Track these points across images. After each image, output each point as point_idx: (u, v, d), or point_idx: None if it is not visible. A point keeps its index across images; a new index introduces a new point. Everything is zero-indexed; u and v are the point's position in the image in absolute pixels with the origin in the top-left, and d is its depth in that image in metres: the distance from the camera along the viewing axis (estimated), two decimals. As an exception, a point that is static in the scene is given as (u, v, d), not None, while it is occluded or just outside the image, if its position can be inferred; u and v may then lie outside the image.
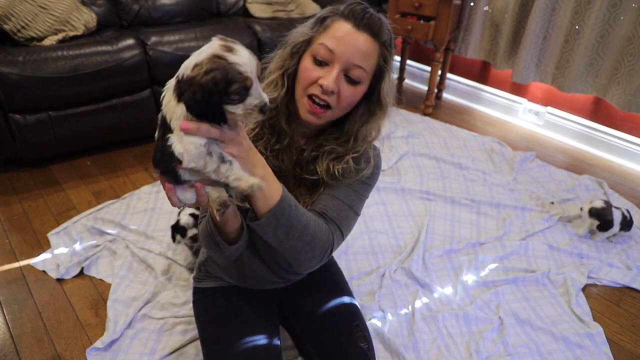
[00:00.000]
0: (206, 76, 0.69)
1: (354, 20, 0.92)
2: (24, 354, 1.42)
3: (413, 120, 3.01)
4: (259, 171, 0.83)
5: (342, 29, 0.92)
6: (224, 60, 0.70)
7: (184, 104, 0.71)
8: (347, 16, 0.92)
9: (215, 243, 0.98)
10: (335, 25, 0.92)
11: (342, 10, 0.93)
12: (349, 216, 1.03)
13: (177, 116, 0.72)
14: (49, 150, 2.31)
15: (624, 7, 2.35)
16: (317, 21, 0.96)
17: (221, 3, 2.96)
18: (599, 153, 2.77)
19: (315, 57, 0.93)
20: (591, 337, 1.54)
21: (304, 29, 0.97)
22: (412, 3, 2.84)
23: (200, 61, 0.71)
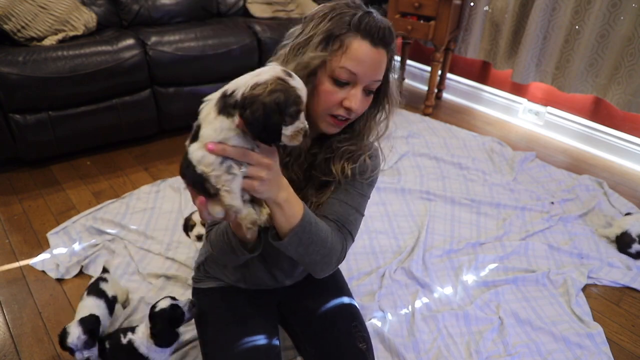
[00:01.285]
0: (270, 96, 0.73)
1: (371, 37, 0.89)
2: (24, 354, 1.42)
3: (413, 120, 3.01)
4: (282, 194, 0.85)
5: (361, 50, 0.88)
6: (287, 84, 0.75)
7: (243, 120, 0.73)
8: (363, 34, 0.88)
9: (233, 251, 0.98)
10: (354, 46, 0.88)
11: (357, 26, 0.88)
12: (357, 219, 1.07)
13: (213, 128, 0.75)
14: (49, 150, 2.31)
15: (624, 7, 2.35)
16: (329, 39, 0.88)
17: (221, 3, 2.96)
18: (599, 153, 2.77)
19: (337, 80, 0.91)
20: (591, 337, 1.54)
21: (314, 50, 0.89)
22: (412, 3, 2.84)
23: (263, 81, 0.74)
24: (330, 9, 0.90)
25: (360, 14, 0.89)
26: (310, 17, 0.93)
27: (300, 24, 0.95)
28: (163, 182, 2.25)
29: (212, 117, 0.76)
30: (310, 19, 0.92)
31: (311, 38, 0.90)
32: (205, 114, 0.77)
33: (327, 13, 0.90)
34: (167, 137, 2.66)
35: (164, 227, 1.95)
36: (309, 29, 0.91)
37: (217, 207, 0.80)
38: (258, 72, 0.77)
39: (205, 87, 2.57)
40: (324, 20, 0.89)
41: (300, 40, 0.91)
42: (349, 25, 0.88)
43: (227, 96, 0.76)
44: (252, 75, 0.77)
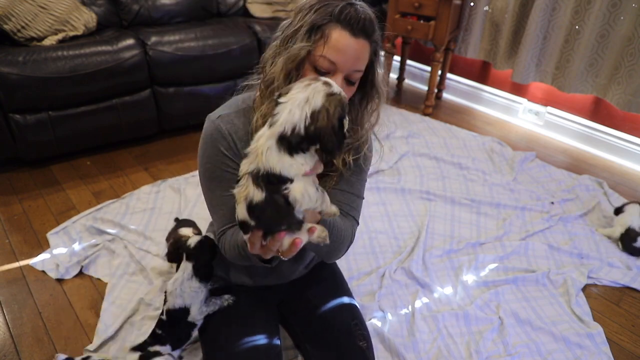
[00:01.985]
0: (333, 117, 0.77)
1: (351, 27, 0.91)
2: (24, 354, 1.42)
3: (413, 120, 3.01)
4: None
5: (341, 39, 0.90)
6: (336, 95, 0.80)
7: (324, 151, 0.79)
8: (343, 23, 0.90)
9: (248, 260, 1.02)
10: (334, 35, 0.90)
11: (337, 16, 0.90)
12: (360, 204, 1.15)
13: (298, 165, 0.78)
14: (49, 150, 2.31)
15: (624, 7, 2.35)
16: (312, 29, 0.91)
17: (221, 3, 2.96)
18: (599, 153, 2.77)
19: (317, 69, 0.93)
20: (591, 337, 1.54)
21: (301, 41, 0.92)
22: (412, 3, 2.84)
23: (319, 107, 0.77)
24: (317, 1, 0.92)
25: (342, 5, 0.91)
26: (299, 8, 0.95)
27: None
28: (163, 183, 2.25)
29: (288, 160, 0.77)
30: (299, 11, 0.94)
31: (298, 29, 0.92)
32: (276, 160, 0.77)
33: (313, 5, 0.92)
34: (167, 137, 2.66)
35: (163, 227, 1.95)
36: (297, 21, 0.93)
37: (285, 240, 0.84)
38: (304, 97, 0.78)
39: (205, 87, 2.57)
40: (310, 12, 0.92)
41: (289, 32, 0.94)
42: (330, 15, 0.90)
43: (289, 136, 0.77)
44: (300, 103, 0.78)
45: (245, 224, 0.82)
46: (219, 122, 1.02)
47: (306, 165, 0.78)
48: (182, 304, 1.24)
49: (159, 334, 1.27)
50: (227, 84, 2.62)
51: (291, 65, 0.92)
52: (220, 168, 1.03)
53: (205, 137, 1.04)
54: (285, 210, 0.79)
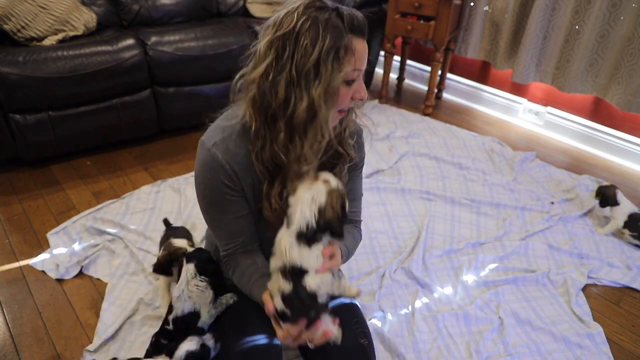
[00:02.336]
0: (336, 208, 0.92)
1: (361, 33, 0.92)
2: (24, 354, 1.42)
3: (413, 120, 3.01)
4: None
5: (361, 47, 0.92)
6: (335, 190, 0.93)
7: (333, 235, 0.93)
8: (356, 32, 0.91)
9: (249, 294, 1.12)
10: (356, 46, 0.91)
11: (351, 27, 0.90)
12: (361, 203, 1.24)
13: (315, 256, 0.91)
14: (49, 150, 2.31)
15: (624, 7, 2.35)
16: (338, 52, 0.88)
17: (221, 3, 2.96)
18: (599, 153, 2.77)
19: (347, 81, 0.93)
20: (591, 337, 1.54)
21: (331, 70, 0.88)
22: (412, 3, 2.84)
23: (324, 203, 0.91)
24: (313, 19, 0.87)
25: (344, 13, 0.90)
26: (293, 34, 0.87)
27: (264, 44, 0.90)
28: (163, 183, 2.25)
29: (307, 251, 0.91)
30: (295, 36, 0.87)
31: (320, 58, 0.87)
32: (297, 254, 0.91)
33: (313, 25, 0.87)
34: (167, 137, 2.66)
35: (163, 227, 1.94)
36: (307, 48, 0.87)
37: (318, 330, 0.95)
38: (310, 197, 0.91)
39: (205, 87, 2.57)
40: (319, 35, 0.86)
41: (309, 65, 0.87)
42: (345, 30, 0.89)
43: (306, 231, 0.91)
44: (307, 203, 0.91)
45: (284, 314, 0.94)
46: (215, 152, 1.00)
47: (320, 259, 0.92)
48: (191, 308, 1.22)
49: (164, 344, 1.24)
50: (227, 84, 2.57)
51: (333, 96, 0.91)
52: (220, 194, 1.03)
53: (203, 166, 1.03)
54: (309, 299, 0.92)
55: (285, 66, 0.88)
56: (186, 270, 1.24)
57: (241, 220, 1.09)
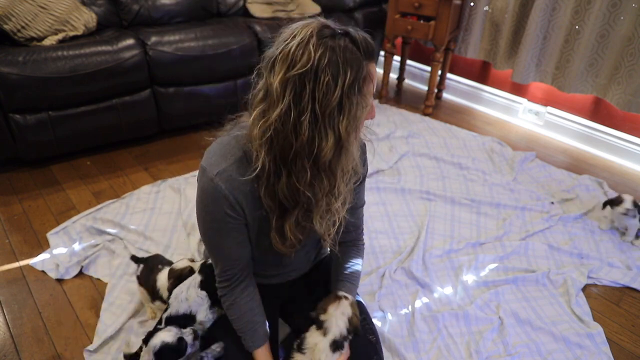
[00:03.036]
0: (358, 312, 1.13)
1: (373, 57, 0.88)
2: (24, 354, 1.42)
3: (413, 120, 3.01)
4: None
5: (373, 70, 0.89)
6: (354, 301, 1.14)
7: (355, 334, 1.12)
8: (369, 57, 0.87)
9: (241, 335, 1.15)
10: (371, 71, 0.88)
11: (365, 55, 0.85)
12: (363, 211, 1.26)
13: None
14: (49, 150, 2.31)
15: (624, 7, 2.35)
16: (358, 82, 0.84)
17: (221, 3, 2.96)
18: (599, 153, 2.77)
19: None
20: (591, 337, 1.54)
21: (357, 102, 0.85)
22: (412, 3, 2.84)
23: (350, 315, 1.09)
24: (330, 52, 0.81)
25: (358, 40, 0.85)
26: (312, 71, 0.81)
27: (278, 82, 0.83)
28: (163, 183, 2.25)
29: (333, 356, 1.07)
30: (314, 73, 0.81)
31: (343, 95, 0.83)
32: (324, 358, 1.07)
33: (332, 59, 0.81)
34: (167, 137, 2.66)
35: (163, 227, 1.95)
36: (329, 86, 0.82)
37: None
38: (340, 312, 1.08)
39: (205, 87, 2.57)
40: (339, 70, 0.81)
41: (333, 103, 0.83)
42: (362, 58, 0.85)
43: (338, 339, 1.07)
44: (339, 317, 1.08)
45: None
46: (218, 181, 0.95)
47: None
48: (187, 310, 1.21)
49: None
50: (227, 84, 2.62)
51: (358, 127, 0.89)
52: (222, 222, 1.01)
53: (205, 195, 0.99)
54: None
55: (307, 106, 0.82)
56: (194, 278, 1.24)
57: (241, 247, 1.07)
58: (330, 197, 0.95)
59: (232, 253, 1.07)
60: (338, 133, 0.85)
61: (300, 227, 1.00)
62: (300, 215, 0.97)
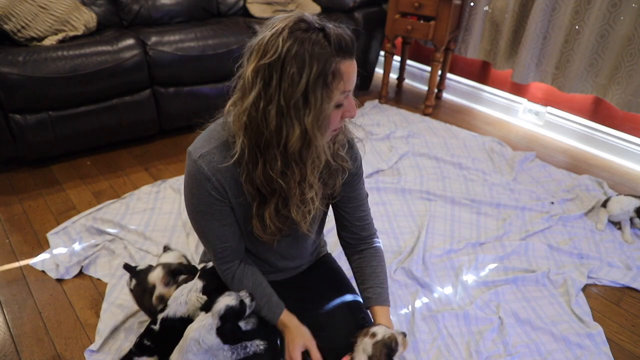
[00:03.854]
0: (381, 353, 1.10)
1: (349, 54, 0.88)
2: (24, 354, 1.42)
3: (413, 120, 3.01)
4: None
5: (350, 69, 0.88)
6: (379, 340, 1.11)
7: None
8: (344, 54, 0.86)
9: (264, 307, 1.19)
10: (344, 69, 0.87)
11: (337, 50, 0.85)
12: (368, 204, 1.26)
13: None
14: (49, 150, 2.31)
15: (624, 7, 2.35)
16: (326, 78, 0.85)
17: (221, 3, 2.96)
18: (599, 153, 2.77)
19: (337, 105, 0.91)
20: (591, 337, 1.54)
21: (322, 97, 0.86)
22: (412, 3, 2.84)
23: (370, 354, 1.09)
24: (299, 44, 0.83)
25: (331, 34, 0.85)
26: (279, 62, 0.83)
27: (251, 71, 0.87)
28: (163, 183, 2.25)
29: None
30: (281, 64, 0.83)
31: (308, 87, 0.84)
32: None
33: (299, 51, 0.83)
34: (167, 137, 2.66)
35: (163, 227, 1.95)
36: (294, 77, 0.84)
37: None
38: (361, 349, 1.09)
39: (205, 87, 2.57)
40: (305, 63, 0.83)
41: (297, 94, 0.85)
42: (332, 54, 0.84)
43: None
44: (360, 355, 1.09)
45: None
46: (201, 163, 0.99)
47: None
48: (184, 313, 1.21)
49: (147, 345, 1.22)
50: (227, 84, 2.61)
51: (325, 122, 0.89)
52: (208, 205, 1.04)
53: (190, 177, 1.03)
54: None
55: (273, 96, 0.85)
56: (195, 283, 1.23)
57: (228, 228, 1.09)
58: (303, 187, 0.98)
59: (221, 235, 1.08)
60: (304, 126, 0.87)
61: (281, 216, 1.03)
62: (280, 203, 1.01)
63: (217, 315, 1.11)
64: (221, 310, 1.11)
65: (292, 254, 1.27)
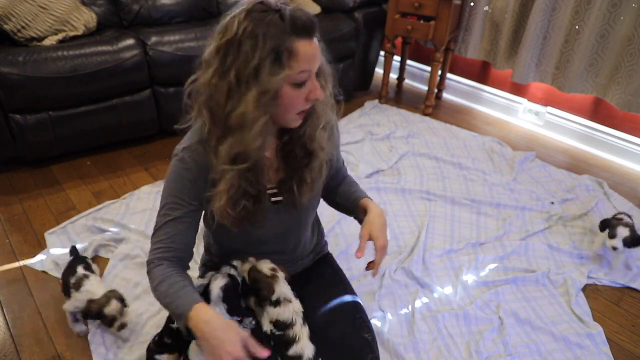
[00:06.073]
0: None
1: (307, 33, 0.90)
2: (24, 354, 1.42)
3: (413, 120, 3.01)
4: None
5: (308, 49, 0.91)
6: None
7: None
8: (300, 33, 0.89)
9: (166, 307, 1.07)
10: (300, 48, 0.90)
11: (292, 29, 0.88)
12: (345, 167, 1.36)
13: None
14: (49, 150, 2.31)
15: (624, 7, 2.35)
16: (278, 55, 0.88)
17: (221, 3, 2.96)
18: (599, 153, 2.77)
19: (296, 83, 0.93)
20: (591, 337, 1.54)
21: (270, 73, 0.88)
22: (412, 3, 2.84)
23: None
24: (254, 24, 0.87)
25: (287, 15, 0.89)
26: (232, 39, 0.88)
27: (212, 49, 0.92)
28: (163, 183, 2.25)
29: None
30: (237, 42, 0.88)
31: (260, 64, 0.88)
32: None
33: (254, 30, 0.87)
34: (167, 137, 2.66)
35: (164, 227, 1.95)
36: (247, 54, 0.88)
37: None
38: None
39: (205, 87, 2.57)
40: (258, 40, 0.87)
41: (249, 71, 0.89)
42: (286, 32, 0.88)
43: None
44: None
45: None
46: (183, 155, 1.05)
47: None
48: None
49: (168, 342, 1.22)
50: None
51: (266, 101, 0.91)
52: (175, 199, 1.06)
53: (170, 171, 1.08)
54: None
55: (228, 73, 0.90)
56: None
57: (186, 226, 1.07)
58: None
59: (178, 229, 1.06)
60: (246, 102, 0.90)
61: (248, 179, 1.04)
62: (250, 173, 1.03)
63: (219, 301, 1.09)
64: (220, 295, 1.09)
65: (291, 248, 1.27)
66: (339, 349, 1.14)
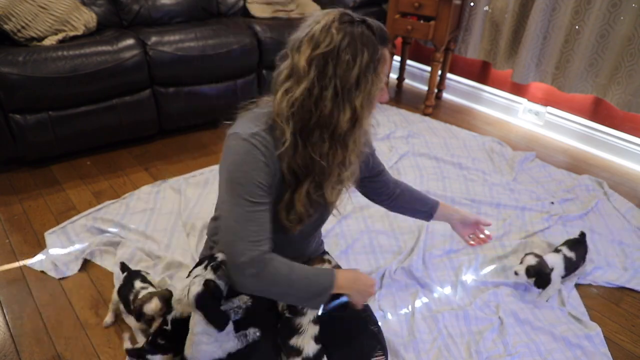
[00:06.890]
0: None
1: (388, 42, 1.00)
2: (24, 354, 1.42)
3: (413, 120, 3.01)
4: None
5: (388, 56, 1.01)
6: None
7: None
8: (385, 43, 0.98)
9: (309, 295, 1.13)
10: (386, 56, 1.00)
11: (381, 40, 0.97)
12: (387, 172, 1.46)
13: None
14: (49, 150, 2.31)
15: (624, 7, 2.35)
16: (374, 64, 0.96)
17: (221, 3, 2.96)
18: (599, 153, 2.77)
19: (381, 87, 1.01)
20: (590, 337, 1.54)
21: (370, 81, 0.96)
22: (412, 3, 2.84)
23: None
24: (350, 36, 0.93)
25: (374, 26, 0.96)
26: (334, 51, 0.92)
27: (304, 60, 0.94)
28: (163, 183, 2.25)
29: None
30: (336, 53, 0.92)
31: (360, 72, 0.94)
32: None
33: (352, 41, 0.93)
34: (167, 137, 2.66)
35: (163, 227, 1.95)
36: (349, 64, 0.93)
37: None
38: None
39: (205, 87, 2.57)
40: (357, 50, 0.93)
41: (352, 79, 0.94)
42: (377, 42, 0.96)
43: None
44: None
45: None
46: (254, 141, 0.98)
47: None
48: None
49: (161, 344, 1.22)
50: (227, 84, 2.62)
51: (371, 104, 1.00)
52: (255, 184, 0.99)
53: (241, 154, 0.99)
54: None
55: (329, 82, 0.94)
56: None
57: (269, 214, 1.03)
58: (341, 167, 1.04)
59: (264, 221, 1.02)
60: (354, 107, 0.96)
61: (310, 200, 1.07)
62: (312, 187, 1.05)
63: (194, 307, 1.05)
64: (194, 301, 1.04)
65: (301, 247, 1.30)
66: (347, 342, 1.15)
